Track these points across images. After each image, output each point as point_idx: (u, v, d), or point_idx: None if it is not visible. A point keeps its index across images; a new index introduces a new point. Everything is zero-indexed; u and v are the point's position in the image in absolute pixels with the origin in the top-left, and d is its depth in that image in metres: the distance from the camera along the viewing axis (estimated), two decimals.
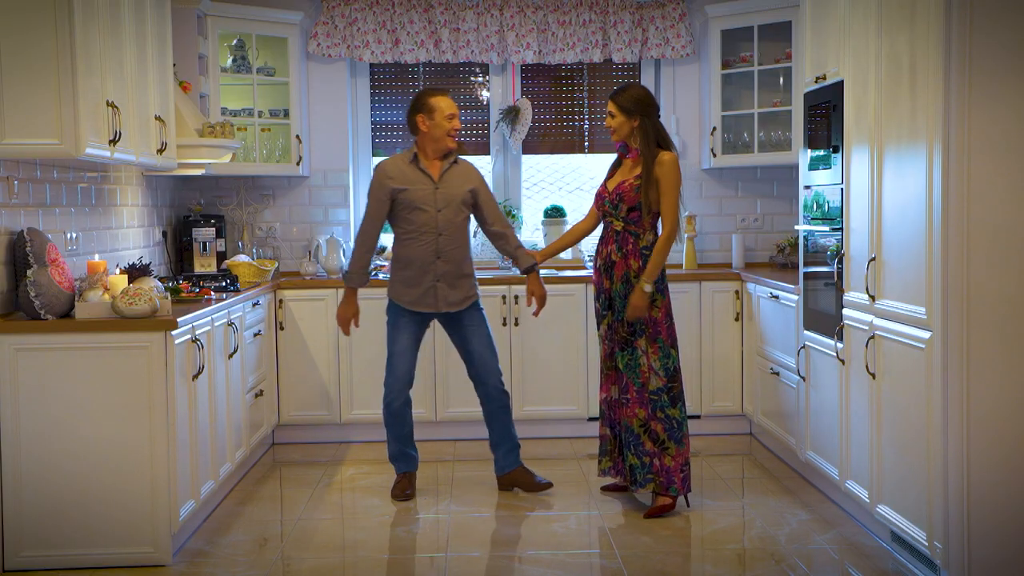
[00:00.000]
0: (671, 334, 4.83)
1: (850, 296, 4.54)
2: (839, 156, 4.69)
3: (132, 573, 4.14)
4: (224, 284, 5.57)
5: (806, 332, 5.12)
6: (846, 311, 4.57)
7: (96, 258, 4.54)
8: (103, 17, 4.30)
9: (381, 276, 6.17)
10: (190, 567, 4.22)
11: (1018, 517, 3.70)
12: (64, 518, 4.13)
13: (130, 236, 5.59)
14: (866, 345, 4.29)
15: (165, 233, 6.21)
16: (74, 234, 4.83)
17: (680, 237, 5.00)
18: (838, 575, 4.13)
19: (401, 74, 6.88)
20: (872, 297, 4.28)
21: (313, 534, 4.64)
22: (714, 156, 6.57)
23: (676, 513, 4.84)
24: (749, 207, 6.89)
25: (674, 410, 4.80)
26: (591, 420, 6.18)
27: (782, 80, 6.46)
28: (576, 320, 6.22)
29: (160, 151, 5.02)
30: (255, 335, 5.69)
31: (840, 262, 4.66)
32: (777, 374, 5.63)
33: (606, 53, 6.69)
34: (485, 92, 6.95)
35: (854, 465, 4.53)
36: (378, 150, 6.91)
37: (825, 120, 4.87)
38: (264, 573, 4.16)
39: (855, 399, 4.50)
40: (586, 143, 6.97)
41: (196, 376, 4.48)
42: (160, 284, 4.68)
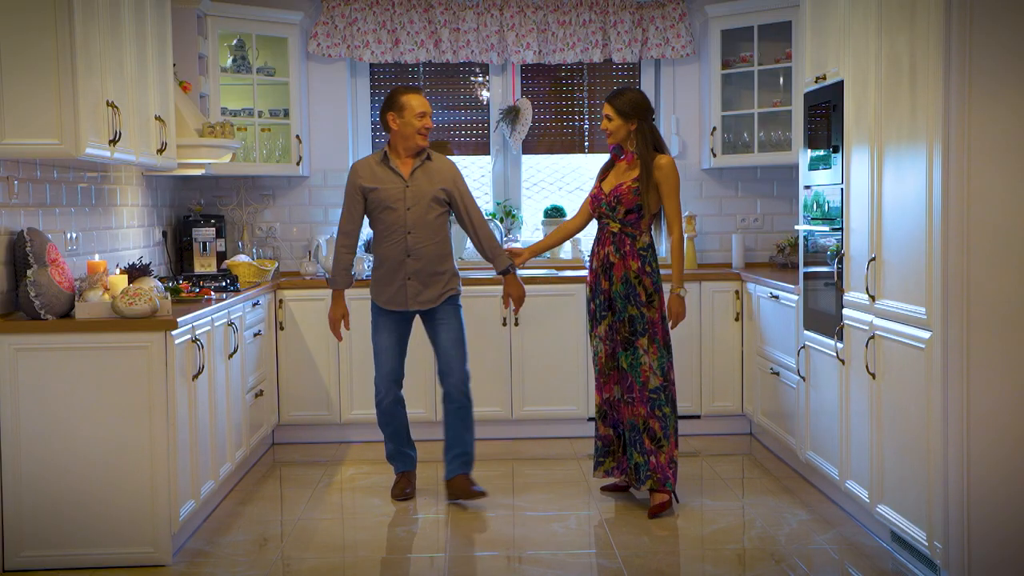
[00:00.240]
0: (666, 334, 4.89)
1: (850, 296, 4.54)
2: (839, 156, 4.69)
3: (132, 573, 4.14)
4: (224, 284, 5.57)
5: (806, 332, 5.12)
6: (846, 311, 4.57)
7: (96, 258, 4.54)
8: (103, 17, 4.30)
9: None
10: (190, 567, 4.22)
11: (1018, 517, 3.70)
12: (64, 518, 4.13)
13: (130, 236, 5.59)
14: (866, 345, 4.29)
15: (165, 233, 6.21)
16: (74, 234, 4.83)
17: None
18: (838, 575, 4.13)
19: (401, 74, 6.88)
20: (872, 297, 4.28)
21: (313, 534, 4.64)
22: (714, 156, 6.57)
23: (675, 513, 4.84)
24: (749, 207, 6.89)
25: (668, 408, 4.86)
26: (591, 420, 6.17)
27: (782, 80, 6.46)
28: (576, 320, 6.22)
29: (160, 151, 5.02)
30: (255, 335, 5.69)
31: (840, 262, 4.66)
32: (777, 374, 5.63)
33: (606, 53, 6.69)
34: (485, 92, 6.95)
35: (854, 465, 4.53)
36: (378, 150, 6.90)
37: (825, 120, 4.87)
38: (264, 573, 4.16)
39: (855, 399, 4.50)
40: (586, 143, 6.97)
41: (196, 376, 4.48)
42: (160, 284, 4.68)
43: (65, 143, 3.98)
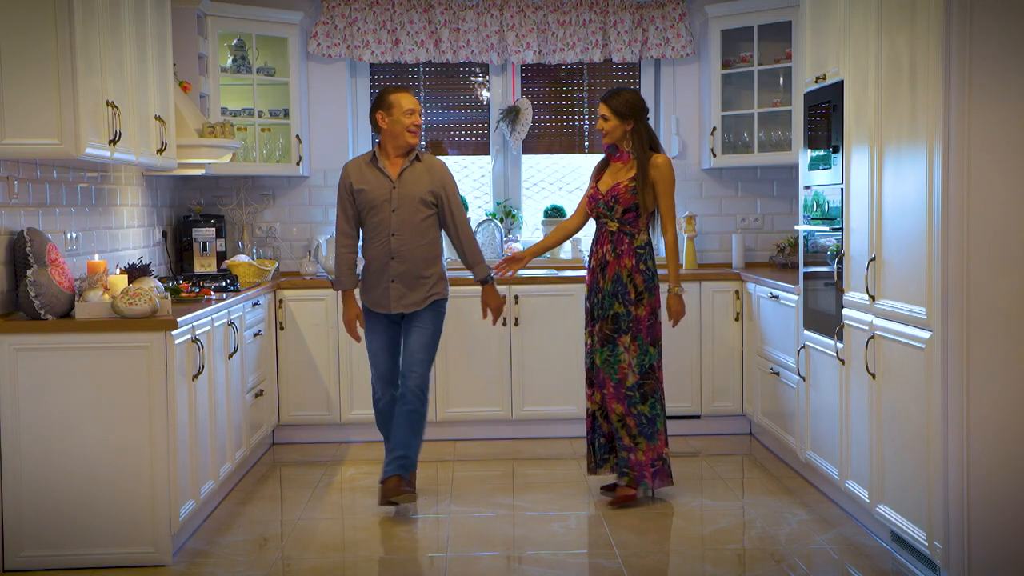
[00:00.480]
0: (652, 332, 4.93)
1: (850, 296, 4.54)
2: (839, 156, 4.69)
3: (132, 573, 4.14)
4: (224, 284, 5.57)
5: (806, 332, 5.12)
6: (846, 311, 4.57)
7: (96, 258, 4.54)
8: (103, 17, 4.30)
9: None
10: (190, 567, 4.22)
11: (1018, 517, 3.70)
12: (64, 518, 4.12)
13: (130, 236, 5.59)
14: (866, 345, 4.29)
15: (165, 233, 6.21)
16: (74, 234, 4.83)
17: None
18: (838, 575, 4.13)
19: (401, 74, 6.88)
20: (872, 297, 4.28)
21: (313, 534, 4.64)
22: (714, 156, 6.57)
23: (676, 512, 4.84)
24: (749, 207, 6.89)
25: (643, 406, 4.91)
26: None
27: (782, 80, 6.46)
28: (576, 320, 6.22)
29: (160, 151, 5.02)
30: (255, 335, 5.69)
31: (840, 262, 4.66)
32: (777, 374, 5.63)
33: (606, 53, 6.69)
34: (485, 92, 6.95)
35: (854, 465, 4.53)
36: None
37: (825, 120, 4.87)
38: (264, 573, 4.16)
39: (855, 399, 4.50)
40: (586, 143, 6.97)
41: (196, 376, 4.48)
42: (160, 284, 4.68)
43: (65, 143, 3.98)
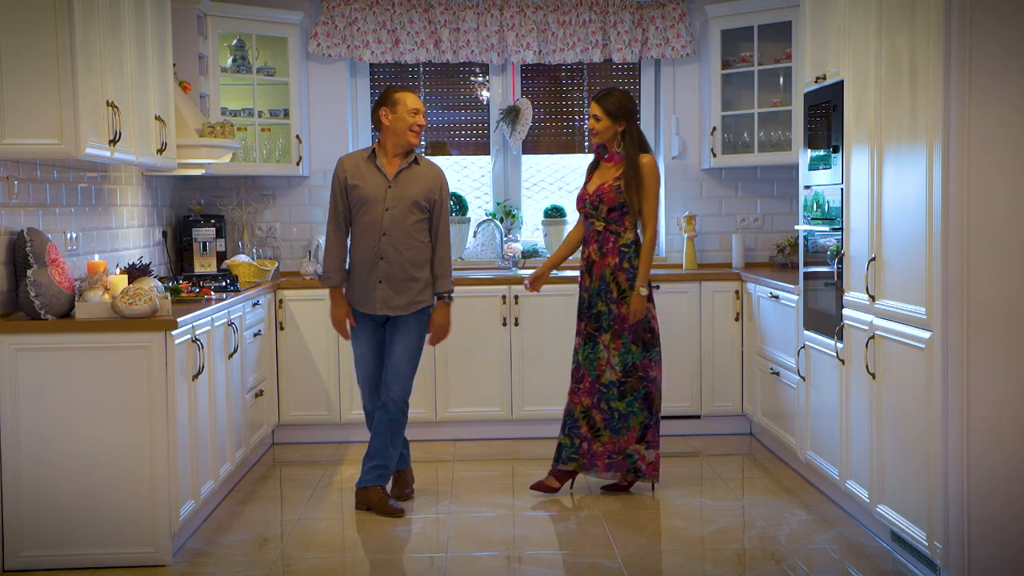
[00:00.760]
0: (636, 332, 4.99)
1: (850, 296, 4.54)
2: (839, 156, 4.69)
3: (132, 573, 4.14)
4: (224, 284, 5.57)
5: (806, 332, 5.12)
6: (846, 311, 4.57)
7: (96, 258, 4.54)
8: (103, 17, 4.30)
9: None
10: (190, 567, 4.22)
11: (1018, 517, 3.70)
12: (64, 518, 4.12)
13: (130, 236, 5.59)
14: (866, 345, 4.29)
15: (165, 233, 6.21)
16: (74, 234, 4.83)
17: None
18: (838, 575, 4.13)
19: (401, 74, 6.88)
20: (872, 297, 4.28)
21: (313, 534, 4.64)
22: (714, 156, 6.57)
23: (676, 512, 4.84)
24: (749, 207, 6.89)
25: (619, 403, 4.99)
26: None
27: (782, 80, 6.46)
28: (576, 320, 6.21)
29: (160, 151, 5.02)
30: (255, 335, 5.69)
31: (840, 262, 4.66)
32: (777, 374, 5.63)
33: (606, 53, 6.69)
34: (485, 92, 6.95)
35: (854, 465, 4.53)
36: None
37: (825, 120, 4.87)
38: (264, 573, 4.16)
39: (855, 399, 4.50)
40: (586, 143, 6.97)
41: (196, 376, 4.48)
42: (160, 284, 4.67)
43: (65, 143, 3.98)
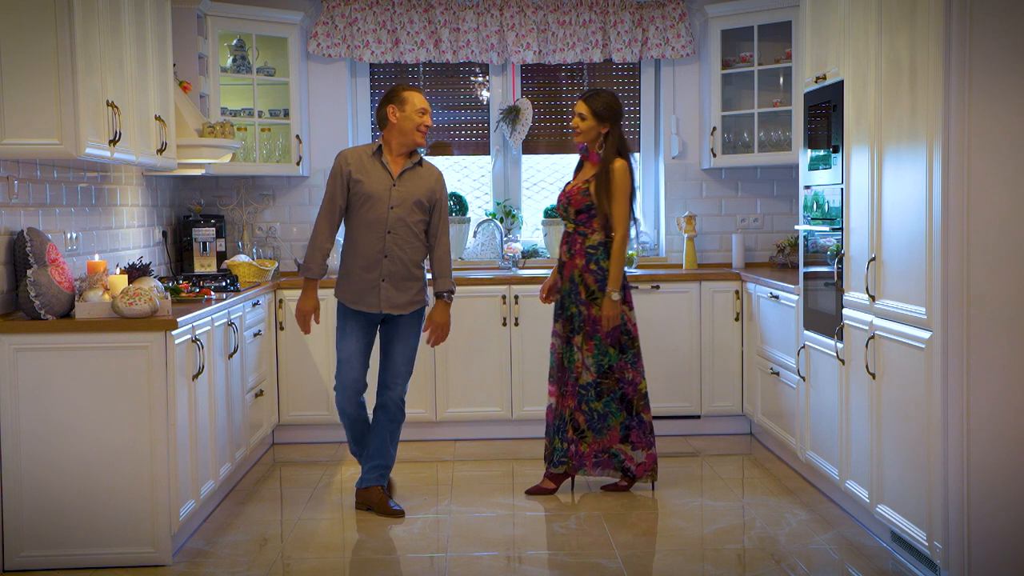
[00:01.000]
0: (612, 334, 5.01)
1: (850, 296, 4.54)
2: (839, 156, 4.69)
3: (132, 573, 4.14)
4: (224, 284, 5.57)
5: (806, 332, 5.12)
6: (846, 311, 4.57)
7: (96, 258, 4.54)
8: (103, 17, 4.30)
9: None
10: (190, 567, 4.22)
11: (1018, 518, 3.70)
12: (64, 518, 4.12)
13: (130, 236, 5.59)
14: (866, 345, 4.29)
15: (165, 233, 6.21)
16: (74, 234, 4.83)
17: (633, 241, 5.27)
18: (838, 575, 4.13)
19: (401, 74, 6.88)
20: (872, 297, 4.28)
21: (313, 534, 4.64)
22: (714, 156, 6.57)
23: (676, 512, 4.84)
24: (749, 207, 6.89)
25: (597, 403, 5.03)
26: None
27: (782, 80, 6.46)
28: None
29: (160, 151, 5.02)
30: (255, 335, 5.69)
31: (840, 262, 4.66)
32: (777, 374, 5.63)
33: (606, 53, 6.69)
34: (485, 92, 6.95)
35: (854, 465, 4.53)
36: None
37: (825, 120, 4.87)
38: (264, 573, 4.16)
39: (855, 399, 4.50)
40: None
41: (196, 376, 4.48)
42: (160, 284, 4.67)
43: (65, 143, 3.98)
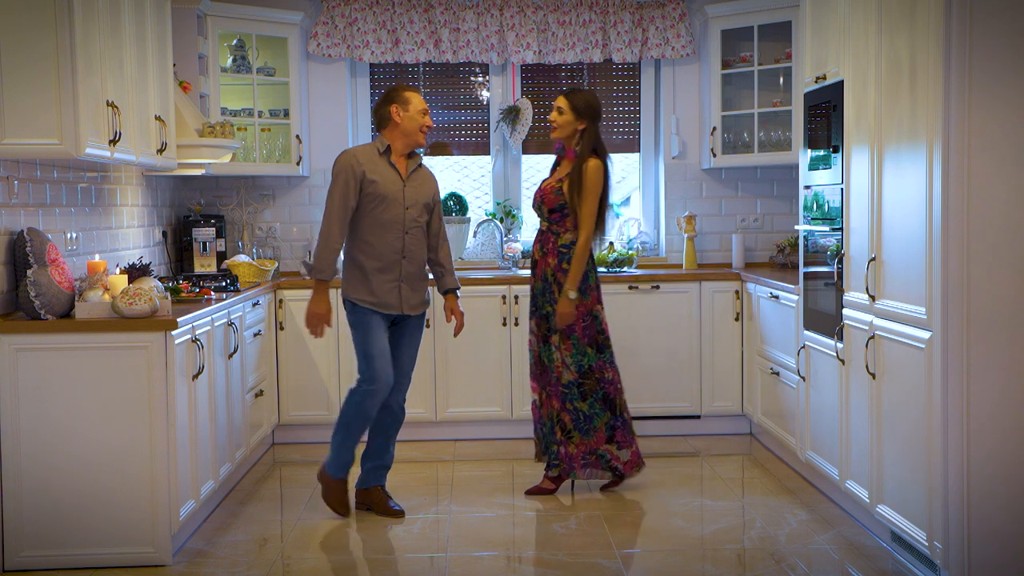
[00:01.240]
0: (588, 334, 5.01)
1: (850, 296, 4.54)
2: (839, 156, 4.69)
3: (132, 573, 4.14)
4: (224, 284, 5.57)
5: (806, 332, 5.12)
6: (846, 311, 4.57)
7: (96, 258, 4.54)
8: (103, 17, 4.30)
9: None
10: (190, 567, 4.22)
11: (1018, 518, 3.70)
12: (64, 518, 4.13)
13: (130, 236, 5.59)
14: (866, 345, 4.29)
15: (165, 233, 6.21)
16: (74, 234, 4.83)
17: (601, 241, 5.24)
18: (838, 575, 4.13)
19: (401, 74, 6.88)
20: (872, 297, 4.28)
21: (313, 534, 4.64)
22: (714, 156, 6.57)
23: (676, 512, 4.84)
24: (749, 207, 6.89)
25: (583, 404, 5.03)
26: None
27: (782, 80, 6.46)
28: None
29: (160, 151, 5.02)
30: (255, 335, 5.69)
31: (840, 262, 4.66)
32: (777, 374, 5.63)
33: (606, 53, 6.69)
34: (485, 92, 6.95)
35: (854, 465, 4.53)
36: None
37: (825, 120, 4.87)
38: (264, 573, 4.16)
39: (855, 399, 4.50)
40: None
41: (196, 376, 4.48)
42: (160, 284, 4.67)
43: (65, 143, 3.98)
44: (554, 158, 5.23)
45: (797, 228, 5.51)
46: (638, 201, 7.07)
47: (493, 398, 6.28)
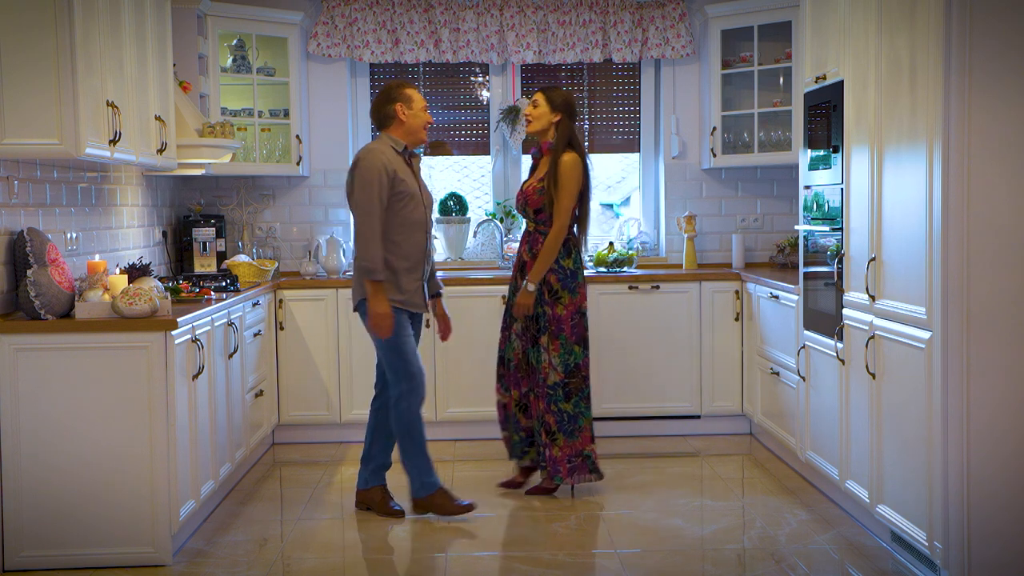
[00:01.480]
0: (576, 332, 5.00)
1: (850, 296, 4.54)
2: (839, 156, 4.69)
3: (132, 573, 4.14)
4: (224, 284, 5.57)
5: (806, 332, 5.12)
6: (846, 311, 4.57)
7: (96, 258, 4.54)
8: (103, 17, 4.30)
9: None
10: (190, 567, 4.22)
11: (1018, 518, 3.70)
12: (64, 518, 4.12)
13: (130, 236, 5.59)
14: (866, 345, 4.29)
15: (165, 233, 6.21)
16: (74, 234, 4.83)
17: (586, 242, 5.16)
18: (838, 575, 4.13)
19: (401, 74, 6.88)
20: (872, 297, 4.28)
21: (313, 534, 4.64)
22: (714, 156, 6.57)
23: (676, 512, 4.84)
24: (749, 207, 6.89)
25: (567, 404, 5.00)
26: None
27: (782, 80, 6.46)
28: None
29: (160, 151, 5.02)
30: (255, 335, 5.69)
31: (840, 262, 4.66)
32: (777, 374, 5.63)
33: (606, 53, 6.69)
34: (485, 92, 6.95)
35: (854, 465, 4.53)
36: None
37: (825, 120, 4.87)
38: (264, 573, 4.16)
39: (855, 399, 4.50)
40: (586, 143, 6.96)
41: (196, 376, 4.48)
42: (160, 284, 4.67)
43: (65, 143, 3.98)
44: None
45: (797, 228, 5.51)
46: (638, 201, 7.07)
47: (493, 398, 6.26)
